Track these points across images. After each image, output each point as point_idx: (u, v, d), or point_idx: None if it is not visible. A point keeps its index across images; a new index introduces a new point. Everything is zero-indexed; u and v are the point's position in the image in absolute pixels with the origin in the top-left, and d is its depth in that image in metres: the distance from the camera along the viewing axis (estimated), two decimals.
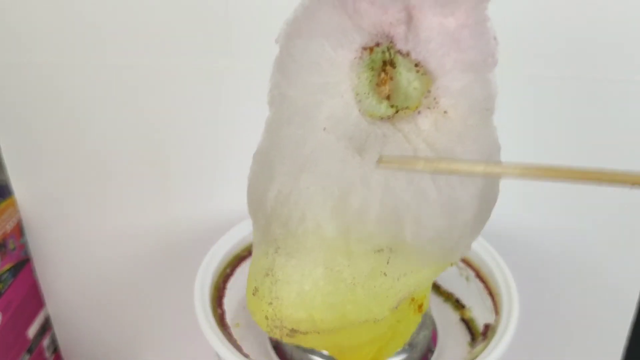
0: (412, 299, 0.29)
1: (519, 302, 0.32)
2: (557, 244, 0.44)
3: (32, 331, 0.49)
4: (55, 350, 0.53)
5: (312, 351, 0.34)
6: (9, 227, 0.45)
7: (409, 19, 0.22)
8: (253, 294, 0.27)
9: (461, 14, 0.22)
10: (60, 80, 0.40)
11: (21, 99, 0.41)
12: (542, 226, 0.43)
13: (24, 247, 0.47)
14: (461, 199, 0.23)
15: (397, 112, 0.24)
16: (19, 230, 0.46)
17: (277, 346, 0.36)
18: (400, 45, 0.23)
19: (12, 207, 0.45)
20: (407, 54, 0.23)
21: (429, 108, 0.23)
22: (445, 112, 0.23)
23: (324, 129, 0.23)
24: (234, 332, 0.34)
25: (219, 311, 0.34)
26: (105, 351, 0.54)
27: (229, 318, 0.35)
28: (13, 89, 0.40)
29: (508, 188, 0.26)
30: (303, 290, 0.25)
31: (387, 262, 0.25)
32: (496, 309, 0.34)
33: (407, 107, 0.24)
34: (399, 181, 0.23)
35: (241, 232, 0.39)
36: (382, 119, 0.24)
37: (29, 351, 0.48)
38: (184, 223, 0.46)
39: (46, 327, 0.51)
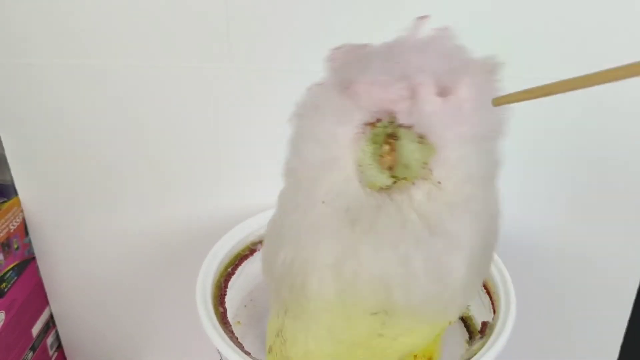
0: (415, 356, 0.31)
1: (516, 301, 0.33)
2: (554, 243, 0.44)
3: (35, 329, 0.49)
4: (59, 347, 0.54)
5: None
6: (13, 226, 0.45)
7: (413, 95, 0.23)
8: (268, 352, 0.29)
9: (464, 89, 0.23)
10: (64, 83, 0.40)
11: (25, 100, 0.41)
12: (539, 225, 0.44)
13: (28, 246, 0.47)
14: (448, 265, 0.24)
15: (395, 182, 0.25)
16: (23, 229, 0.46)
17: None
18: (403, 119, 0.24)
19: (16, 206, 0.45)
20: (411, 127, 0.24)
21: (423, 179, 0.24)
22: (439, 182, 0.24)
23: (323, 202, 0.24)
24: (235, 329, 0.34)
25: (221, 309, 0.34)
26: (108, 349, 0.54)
27: (230, 316, 0.35)
28: (18, 91, 0.41)
29: (507, 188, 0.26)
30: (308, 350, 0.27)
31: (383, 324, 0.26)
32: (494, 307, 0.34)
33: (405, 178, 0.25)
34: (385, 252, 0.24)
35: (242, 231, 0.39)
36: (381, 189, 0.25)
37: (33, 349, 0.49)
38: (185, 223, 0.46)
39: (50, 325, 0.52)
